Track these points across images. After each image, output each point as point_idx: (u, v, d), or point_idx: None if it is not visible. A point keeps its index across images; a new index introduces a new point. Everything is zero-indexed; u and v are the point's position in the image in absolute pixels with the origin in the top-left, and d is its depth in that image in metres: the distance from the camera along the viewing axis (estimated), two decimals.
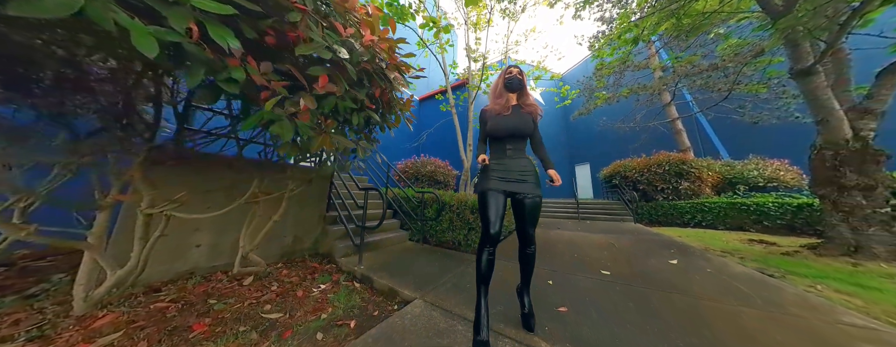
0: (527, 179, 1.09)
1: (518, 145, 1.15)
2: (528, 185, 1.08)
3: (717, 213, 4.18)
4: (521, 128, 1.13)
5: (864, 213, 1.91)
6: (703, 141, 7.24)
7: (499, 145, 1.17)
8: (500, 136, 1.15)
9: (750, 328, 1.04)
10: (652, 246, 2.61)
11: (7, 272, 1.42)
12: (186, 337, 1.01)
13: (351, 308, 1.34)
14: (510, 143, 1.15)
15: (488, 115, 1.18)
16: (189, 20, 0.49)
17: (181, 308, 1.22)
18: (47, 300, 1.17)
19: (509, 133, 1.13)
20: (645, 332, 0.99)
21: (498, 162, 1.14)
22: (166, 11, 0.48)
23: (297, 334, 1.09)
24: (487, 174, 1.11)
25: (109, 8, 0.41)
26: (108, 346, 0.93)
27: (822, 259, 1.98)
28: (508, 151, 1.14)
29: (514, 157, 1.14)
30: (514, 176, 1.09)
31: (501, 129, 1.13)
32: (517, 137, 1.14)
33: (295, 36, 0.67)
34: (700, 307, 1.24)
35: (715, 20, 3.09)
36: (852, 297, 1.35)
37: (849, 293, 1.40)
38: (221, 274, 1.66)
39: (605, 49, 4.25)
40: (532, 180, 1.10)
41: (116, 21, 0.41)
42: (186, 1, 0.48)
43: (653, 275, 1.71)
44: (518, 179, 1.09)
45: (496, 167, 1.12)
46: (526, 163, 1.13)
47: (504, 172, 1.10)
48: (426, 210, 2.87)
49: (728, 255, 2.27)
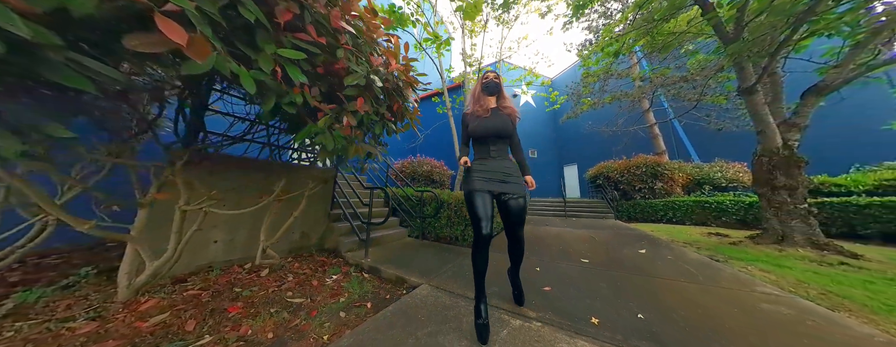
0: (510, 180, 1.11)
1: (501, 146, 1.18)
2: (511, 185, 1.10)
3: (685, 210, 4.69)
4: (502, 129, 1.16)
5: (788, 209, 2.35)
6: (677, 144, 7.92)
7: (482, 146, 1.19)
8: (483, 137, 1.17)
9: (688, 297, 1.34)
10: (627, 239, 2.97)
11: (23, 267, 1.49)
12: (226, 317, 1.17)
13: (365, 294, 1.53)
14: (493, 144, 1.17)
15: (469, 118, 1.21)
16: (274, 64, 0.67)
17: (212, 295, 1.36)
18: (83, 289, 1.28)
19: (491, 133, 1.15)
20: (611, 304, 1.27)
21: (481, 162, 1.16)
22: (257, 57, 0.66)
23: (322, 313, 1.27)
24: (471, 175, 1.14)
25: (227, 60, 0.58)
26: (159, 323, 1.07)
27: (758, 246, 2.39)
28: (492, 152, 1.17)
29: (498, 158, 1.16)
30: (497, 176, 1.11)
31: (483, 130, 1.16)
32: (499, 138, 1.17)
33: (339, 67, 0.86)
34: (656, 284, 1.54)
35: (683, 39, 3.50)
36: (769, 274, 1.72)
37: (768, 271, 1.77)
38: (237, 267, 1.79)
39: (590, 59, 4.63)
40: (516, 180, 1.12)
41: (231, 70, 0.59)
42: (272, 50, 0.67)
43: (624, 262, 2.02)
44: (502, 179, 1.11)
45: (480, 167, 1.14)
46: (509, 164, 1.16)
47: (487, 172, 1.12)
48: (425, 208, 3.07)
49: (688, 246, 2.65)
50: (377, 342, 0.95)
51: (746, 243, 2.56)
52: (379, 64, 0.99)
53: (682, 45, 4.01)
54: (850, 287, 1.48)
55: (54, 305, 1.12)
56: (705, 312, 1.18)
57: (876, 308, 1.22)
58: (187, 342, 0.98)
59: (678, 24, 3.31)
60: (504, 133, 1.16)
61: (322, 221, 2.54)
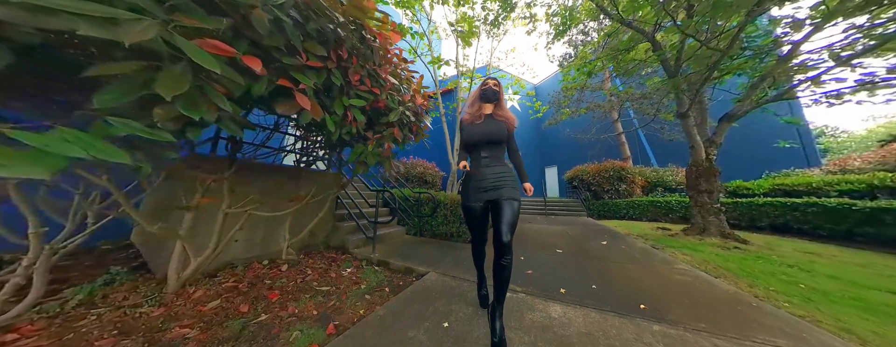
0: (503, 185, 1.10)
1: (494, 152, 1.17)
2: (504, 190, 1.09)
3: (642, 209, 5.58)
4: (495, 135, 1.15)
5: (707, 207, 3.09)
6: (640, 151, 9.11)
7: (475, 153, 1.19)
8: (474, 143, 1.17)
9: (628, 274, 1.86)
10: (593, 233, 3.58)
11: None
12: (270, 302, 1.41)
13: (381, 282, 1.83)
14: (485, 151, 1.17)
15: (464, 124, 1.23)
16: (344, 109, 0.96)
17: (248, 286, 1.57)
18: (124, 284, 1.43)
19: (483, 139, 1.16)
20: (574, 280, 1.73)
21: (475, 169, 1.17)
22: (334, 106, 0.94)
23: (350, 296, 1.56)
24: (466, 185, 1.16)
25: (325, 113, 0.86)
26: (216, 307, 1.29)
27: (687, 237, 3.11)
28: (484, 159, 1.16)
29: (491, 165, 1.15)
30: (490, 184, 1.11)
31: (475, 136, 1.17)
32: (491, 144, 1.17)
33: (380, 104, 1.16)
34: (609, 266, 2.05)
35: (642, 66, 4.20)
36: (688, 256, 2.35)
37: (688, 254, 2.41)
38: (257, 263, 1.98)
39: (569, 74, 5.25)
40: (509, 185, 1.12)
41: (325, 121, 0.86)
42: (346, 102, 0.96)
43: (589, 251, 2.55)
44: (494, 186, 1.10)
45: (473, 177, 1.15)
46: (502, 170, 1.15)
47: (480, 182, 1.13)
48: (423, 208, 3.39)
49: (639, 238, 3.31)
50: (405, 311, 1.28)
51: (679, 235, 3.28)
52: (408, 99, 1.30)
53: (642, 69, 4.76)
54: (732, 262, 2.13)
55: (112, 297, 1.28)
56: (636, 282, 1.69)
57: (740, 275, 1.84)
58: (248, 319, 1.22)
59: (638, 53, 3.99)
60: (496, 138, 1.16)
61: (328, 221, 2.75)
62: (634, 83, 6.03)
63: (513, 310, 1.24)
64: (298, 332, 1.13)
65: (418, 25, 4.65)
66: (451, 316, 1.22)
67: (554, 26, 4.49)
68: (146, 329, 1.07)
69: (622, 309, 1.30)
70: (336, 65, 0.87)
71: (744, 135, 6.35)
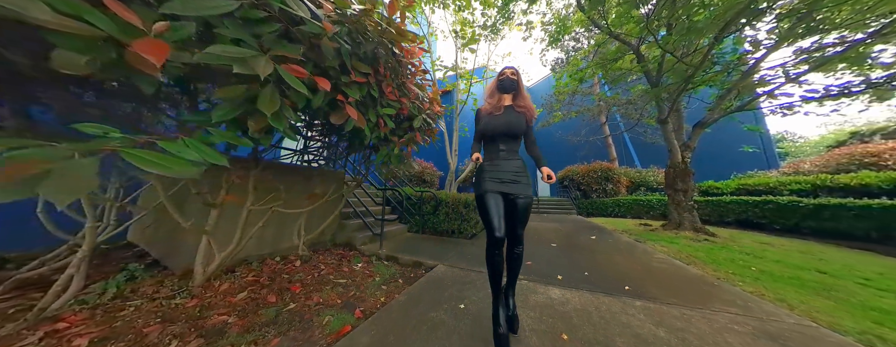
0: (520, 180, 1.11)
1: (511, 145, 1.16)
2: (520, 186, 1.10)
3: (627, 207, 6.02)
4: (513, 128, 1.13)
5: (683, 205, 3.47)
6: (625, 153, 9.72)
7: (492, 145, 1.17)
8: (492, 136, 1.16)
9: (615, 263, 2.12)
10: (583, 230, 3.88)
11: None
12: (294, 293, 1.52)
13: (393, 274, 1.97)
14: (503, 143, 1.15)
15: (481, 115, 1.20)
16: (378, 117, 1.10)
17: (269, 280, 1.66)
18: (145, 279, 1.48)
19: (501, 132, 1.14)
20: (569, 269, 1.96)
21: (491, 162, 1.15)
22: (369, 115, 1.08)
23: (368, 287, 1.69)
24: (482, 176, 1.14)
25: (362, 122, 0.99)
26: (246, 298, 1.39)
27: (665, 231, 3.47)
28: (501, 152, 1.15)
29: (508, 158, 1.14)
30: (507, 176, 1.11)
31: (493, 128, 1.15)
32: (509, 137, 1.15)
33: (404, 111, 1.30)
34: (598, 257, 2.31)
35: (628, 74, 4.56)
36: (665, 248, 2.66)
37: (665, 246, 2.73)
38: (269, 259, 2.05)
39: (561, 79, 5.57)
40: (524, 181, 1.12)
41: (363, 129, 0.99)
42: (380, 112, 1.10)
43: (579, 245, 2.81)
44: (512, 180, 1.10)
45: (490, 168, 1.14)
46: (519, 164, 1.15)
47: (497, 173, 1.12)
48: (425, 206, 3.53)
49: (624, 233, 3.64)
50: (423, 297, 1.43)
51: (658, 229, 3.65)
52: (427, 107, 1.46)
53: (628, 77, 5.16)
54: (701, 252, 2.46)
55: (142, 290, 1.34)
56: (622, 269, 1.95)
57: (706, 262, 2.15)
58: (279, 308, 1.33)
59: (624, 63, 4.34)
60: (515, 131, 1.14)
61: (335, 219, 2.83)
62: (621, 89, 6.47)
63: (518, 294, 1.43)
64: (329, 317, 1.25)
65: (418, 27, 4.76)
66: (466, 300, 1.39)
67: (549, 34, 4.76)
68: (187, 318, 1.16)
69: (610, 290, 1.53)
70: (374, 79, 1.01)
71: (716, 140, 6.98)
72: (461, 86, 5.31)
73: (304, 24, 0.67)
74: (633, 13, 3.02)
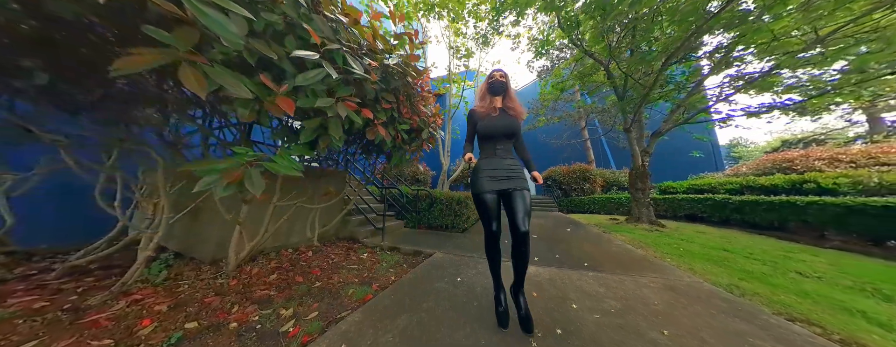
0: (515, 176, 1.16)
1: (506, 145, 1.22)
2: (516, 181, 1.15)
3: (601, 204, 6.76)
4: (511, 129, 1.20)
5: (641, 202, 4.13)
6: (603, 155, 10.68)
7: (489, 145, 1.22)
8: (491, 136, 1.21)
9: (582, 248, 2.62)
10: (561, 224, 4.43)
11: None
12: (316, 276, 1.81)
13: (397, 261, 2.29)
14: (500, 143, 1.20)
15: (477, 116, 1.23)
16: (396, 132, 1.44)
17: (290, 266, 1.93)
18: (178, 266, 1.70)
19: (500, 133, 1.19)
20: (544, 253, 2.41)
21: (487, 160, 1.19)
22: (389, 130, 1.41)
23: (377, 270, 2.01)
24: (479, 175, 1.18)
25: (388, 137, 1.31)
26: (276, 280, 1.66)
27: (627, 224, 4.11)
28: (498, 151, 1.20)
29: (504, 157, 1.20)
30: (502, 173, 1.16)
31: (493, 129, 1.19)
32: (506, 137, 1.21)
33: (414, 125, 1.64)
34: (570, 244, 2.80)
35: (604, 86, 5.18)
36: (624, 236, 3.24)
37: (624, 236, 3.31)
38: (284, 250, 2.29)
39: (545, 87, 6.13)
40: (522, 176, 1.17)
41: (380, 137, 1.32)
42: (399, 127, 1.43)
43: (556, 236, 3.31)
44: (507, 176, 1.15)
45: (486, 166, 1.18)
46: (513, 162, 1.21)
47: (493, 171, 1.16)
48: (420, 203, 3.87)
49: (595, 226, 4.23)
50: (427, 275, 1.79)
51: (623, 223, 4.30)
52: (431, 121, 1.80)
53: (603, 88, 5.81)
54: (650, 239, 3.05)
55: (185, 274, 1.57)
56: (585, 253, 2.44)
57: (651, 246, 2.72)
58: (308, 285, 1.62)
59: (599, 77, 4.95)
60: (512, 132, 1.20)
61: (337, 214, 3.09)
62: (598, 98, 7.21)
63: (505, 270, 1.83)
64: (353, 290, 1.57)
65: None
66: (462, 275, 1.77)
67: (535, 45, 5.26)
68: (234, 292, 1.43)
69: (573, 267, 1.99)
70: (395, 104, 1.34)
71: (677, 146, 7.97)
72: (453, 90, 5.67)
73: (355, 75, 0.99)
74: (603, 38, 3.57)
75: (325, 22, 0.94)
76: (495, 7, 4.15)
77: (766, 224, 3.76)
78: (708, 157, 8.43)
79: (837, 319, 1.24)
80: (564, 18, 3.55)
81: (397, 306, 1.31)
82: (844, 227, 2.91)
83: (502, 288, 1.20)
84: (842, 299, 1.46)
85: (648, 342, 1.02)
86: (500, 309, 1.14)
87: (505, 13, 4.25)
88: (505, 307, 1.13)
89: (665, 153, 8.22)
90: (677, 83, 3.97)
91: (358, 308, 1.30)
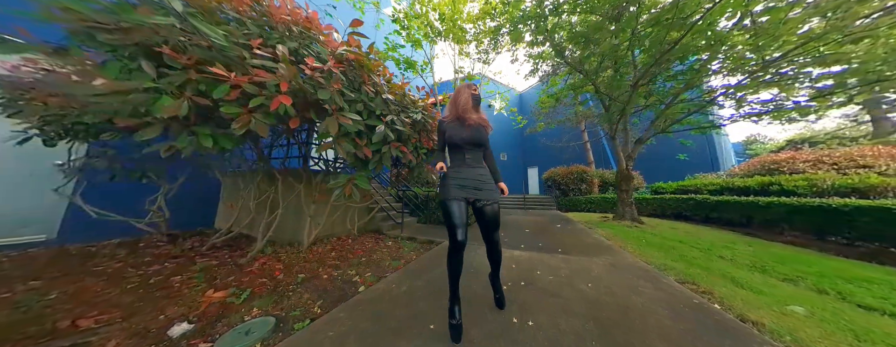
0: (484, 186, 1.19)
1: (476, 154, 1.27)
2: (485, 192, 1.18)
3: (596, 203, 7.31)
4: (478, 138, 1.25)
5: (626, 201, 4.72)
6: (604, 156, 11.10)
7: (458, 154, 1.26)
8: (459, 145, 1.24)
9: (563, 239, 3.29)
10: (555, 221, 5.08)
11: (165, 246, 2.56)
12: (361, 255, 2.57)
13: (416, 247, 3.03)
14: (469, 152, 1.25)
15: (445, 126, 1.29)
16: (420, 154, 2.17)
17: (341, 248, 2.71)
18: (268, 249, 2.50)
19: (467, 142, 1.23)
20: (531, 242, 3.10)
21: (456, 170, 1.24)
22: (413, 154, 2.13)
23: (403, 252, 2.76)
24: (447, 182, 1.21)
25: (413, 158, 2.02)
26: (339, 256, 2.44)
27: (612, 221, 4.71)
28: (467, 159, 1.24)
29: (473, 166, 1.24)
30: (470, 183, 1.18)
31: (461, 138, 1.23)
32: (474, 146, 1.25)
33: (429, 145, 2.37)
34: (555, 236, 3.47)
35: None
36: (604, 232, 3.87)
37: (604, 230, 3.94)
38: (332, 238, 3.09)
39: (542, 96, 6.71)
40: (489, 187, 1.20)
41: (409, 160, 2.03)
42: (421, 151, 2.15)
43: (546, 230, 3.99)
44: (476, 186, 1.18)
45: (455, 175, 1.22)
46: (483, 171, 1.24)
47: (462, 179, 1.20)
48: (430, 203, 4.62)
49: (584, 223, 4.85)
50: (437, 256, 2.52)
51: (609, 220, 4.90)
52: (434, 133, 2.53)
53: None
54: (624, 234, 3.68)
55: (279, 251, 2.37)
56: (564, 243, 3.10)
57: (621, 238, 3.35)
58: (359, 259, 2.39)
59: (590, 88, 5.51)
60: (480, 141, 1.26)
61: (375, 211, 3.90)
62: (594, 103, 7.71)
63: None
64: (389, 261, 2.33)
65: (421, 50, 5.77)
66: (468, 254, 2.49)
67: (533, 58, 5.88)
68: (315, 261, 2.21)
69: (548, 252, 2.67)
70: (420, 136, 2.06)
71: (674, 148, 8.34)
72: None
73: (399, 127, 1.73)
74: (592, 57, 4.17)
75: (382, 101, 1.68)
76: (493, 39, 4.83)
77: (738, 221, 4.29)
78: (705, 159, 8.77)
79: (713, 282, 1.88)
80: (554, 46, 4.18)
81: (421, 270, 2.05)
82: (792, 224, 3.44)
83: (458, 300, 1.14)
84: (731, 272, 2.09)
85: (576, 289, 1.71)
86: (452, 322, 1.09)
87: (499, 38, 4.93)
88: (459, 320, 1.10)
89: (662, 155, 8.61)
90: (658, 95, 4.50)
91: (395, 271, 2.05)
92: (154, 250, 2.20)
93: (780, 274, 2.14)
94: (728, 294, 1.63)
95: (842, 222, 3.03)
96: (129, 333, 1.09)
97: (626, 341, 1.12)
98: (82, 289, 1.41)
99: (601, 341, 1.12)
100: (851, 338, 1.20)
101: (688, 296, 1.59)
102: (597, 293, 1.64)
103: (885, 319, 1.44)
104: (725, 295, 1.61)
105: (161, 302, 1.36)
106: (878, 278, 2.01)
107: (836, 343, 1.16)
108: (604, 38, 3.53)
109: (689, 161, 8.57)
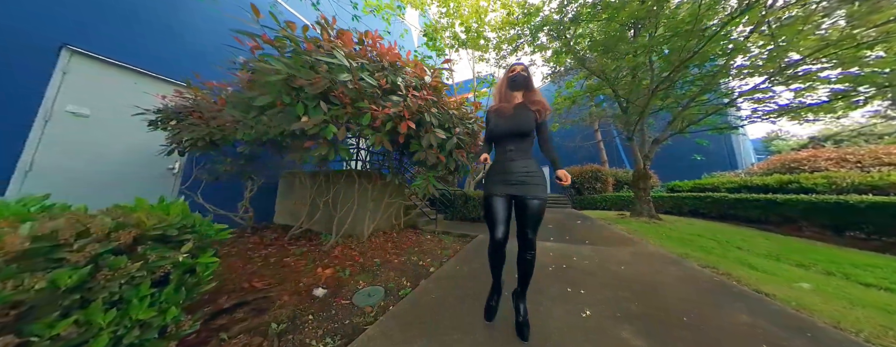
0: (529, 181, 1.10)
1: (520, 145, 1.16)
2: (530, 187, 1.09)
3: (611, 201, 7.53)
4: (521, 127, 1.14)
5: (643, 199, 4.97)
6: (617, 155, 11.22)
7: (500, 146, 1.19)
8: (499, 137, 1.18)
9: (586, 234, 3.62)
10: (573, 218, 5.37)
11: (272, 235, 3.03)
12: (413, 246, 2.97)
13: (454, 240, 3.42)
14: (511, 144, 1.16)
15: (490, 116, 1.22)
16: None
17: (392, 240, 3.13)
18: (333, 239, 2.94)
19: (507, 133, 1.16)
20: (557, 236, 3.45)
21: (500, 164, 1.17)
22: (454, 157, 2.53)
23: (445, 244, 3.15)
24: (490, 178, 1.16)
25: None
26: (392, 245, 2.86)
27: (629, 218, 4.98)
28: (509, 152, 1.16)
29: (516, 159, 1.14)
30: (515, 178, 1.11)
31: (499, 130, 1.17)
32: (517, 137, 1.15)
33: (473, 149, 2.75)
34: (578, 232, 3.80)
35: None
36: (623, 227, 4.17)
37: (623, 226, 4.23)
38: (379, 232, 3.51)
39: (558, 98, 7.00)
40: (535, 181, 1.11)
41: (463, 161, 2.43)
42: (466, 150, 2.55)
43: (567, 226, 4.31)
44: (520, 181, 1.11)
45: (498, 169, 1.17)
46: (528, 164, 1.14)
47: (505, 174, 1.13)
48: (457, 201, 5.00)
49: (602, 220, 5.13)
50: (478, 247, 2.90)
51: (627, 217, 5.16)
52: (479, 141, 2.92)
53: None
54: (643, 229, 3.96)
55: (347, 241, 2.81)
56: (587, 236, 3.43)
57: (641, 233, 3.64)
58: (411, 248, 2.80)
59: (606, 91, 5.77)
60: (523, 130, 1.15)
61: (416, 209, 4.32)
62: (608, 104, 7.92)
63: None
64: (439, 250, 2.72)
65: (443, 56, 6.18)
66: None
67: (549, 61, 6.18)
68: (379, 249, 2.63)
69: (575, 243, 3.01)
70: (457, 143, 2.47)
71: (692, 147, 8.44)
72: (470, 96, 6.77)
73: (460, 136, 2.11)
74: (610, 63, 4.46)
75: (450, 117, 2.07)
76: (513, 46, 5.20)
77: (755, 218, 4.48)
78: (722, 157, 8.81)
79: (731, 266, 2.18)
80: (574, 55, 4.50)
81: (471, 258, 2.43)
82: (810, 220, 3.63)
83: (500, 289, 1.16)
84: (748, 259, 2.38)
85: (609, 270, 2.06)
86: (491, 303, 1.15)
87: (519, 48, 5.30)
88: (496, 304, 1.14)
89: (678, 154, 8.70)
90: (676, 96, 4.73)
91: (450, 259, 2.44)
92: (249, 240, 2.67)
93: (793, 261, 2.41)
94: (744, 276, 1.94)
95: (858, 218, 3.22)
96: (289, 293, 1.51)
97: (660, 303, 1.47)
98: (229, 266, 1.86)
99: (639, 303, 1.47)
100: (846, 303, 1.50)
101: (708, 276, 1.91)
102: (628, 273, 1.98)
103: (880, 293, 1.71)
104: (742, 276, 1.92)
105: (291, 275, 1.78)
106: (884, 263, 2.25)
107: (833, 307, 1.46)
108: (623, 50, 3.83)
109: (706, 160, 8.65)
